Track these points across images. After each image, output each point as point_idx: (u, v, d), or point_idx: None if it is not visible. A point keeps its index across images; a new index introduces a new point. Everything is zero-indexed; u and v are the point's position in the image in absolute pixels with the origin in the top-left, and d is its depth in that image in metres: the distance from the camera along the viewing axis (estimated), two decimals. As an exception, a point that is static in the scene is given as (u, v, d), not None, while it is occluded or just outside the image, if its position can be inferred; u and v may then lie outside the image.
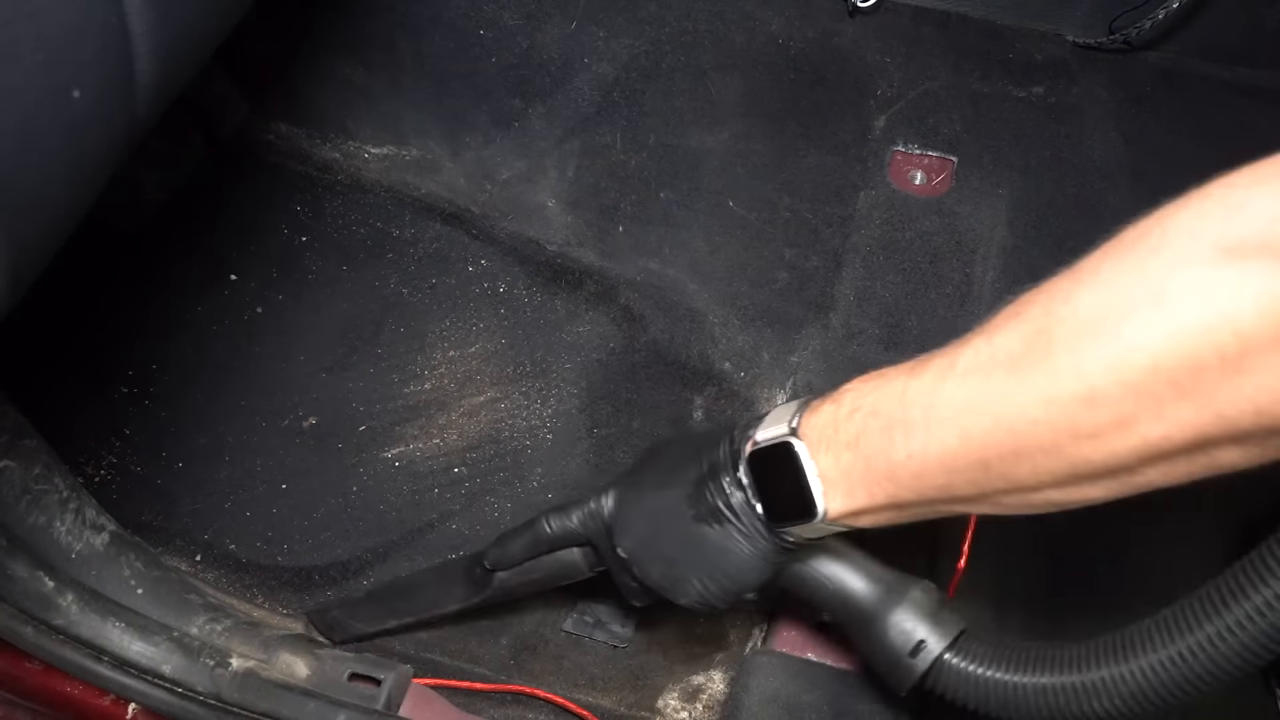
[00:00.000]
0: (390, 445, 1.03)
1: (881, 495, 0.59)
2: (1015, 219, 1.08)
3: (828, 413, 0.61)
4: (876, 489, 0.59)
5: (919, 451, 0.56)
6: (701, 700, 0.88)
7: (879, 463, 0.58)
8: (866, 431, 0.58)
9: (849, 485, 0.60)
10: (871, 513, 0.60)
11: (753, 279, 1.11)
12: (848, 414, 0.60)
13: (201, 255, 1.14)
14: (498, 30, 1.16)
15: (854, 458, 0.59)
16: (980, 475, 0.56)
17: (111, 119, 0.54)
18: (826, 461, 0.60)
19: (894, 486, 0.58)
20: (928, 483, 0.57)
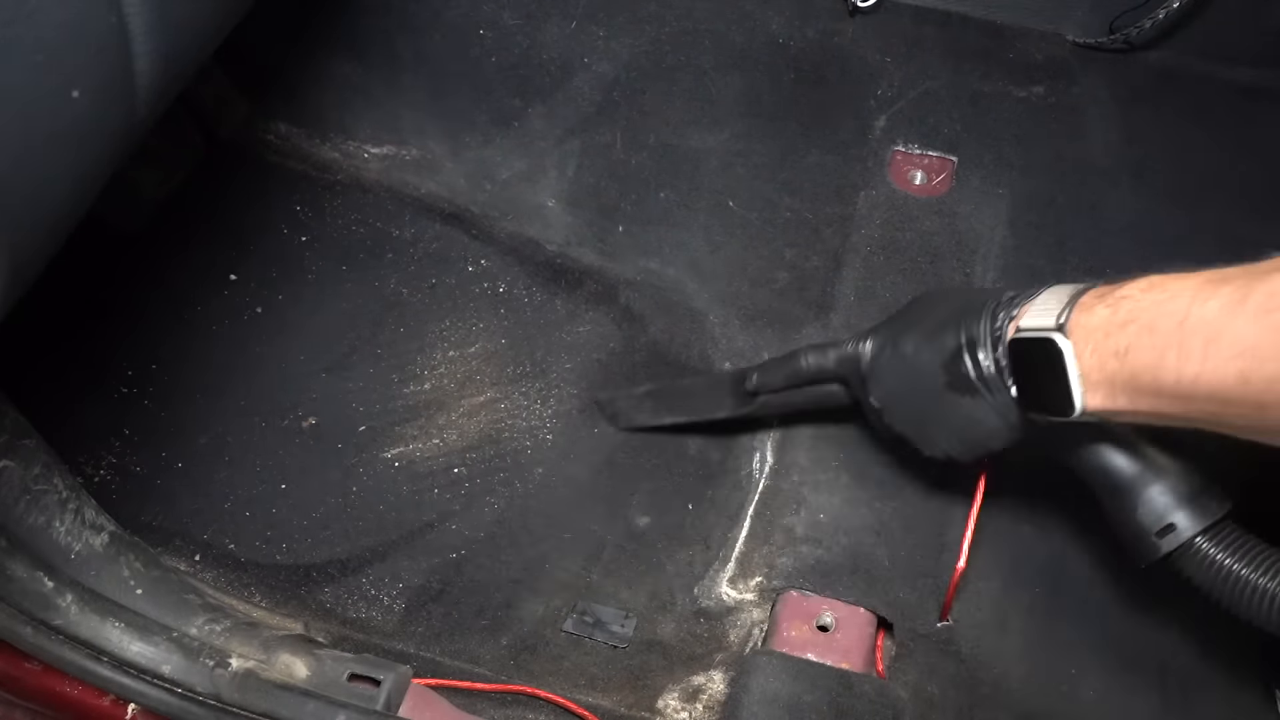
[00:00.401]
0: (390, 445, 1.03)
1: (1144, 405, 0.58)
2: (1015, 219, 1.08)
3: (1101, 316, 0.60)
4: (1140, 399, 0.58)
5: (1191, 380, 0.55)
6: (701, 700, 0.88)
7: (1146, 379, 0.57)
8: (1138, 347, 0.57)
9: (1110, 390, 0.59)
10: (1131, 415, 0.60)
11: (753, 279, 1.11)
12: (1121, 323, 0.59)
13: (201, 255, 1.14)
14: (498, 30, 1.16)
15: (1120, 367, 0.58)
16: (1254, 414, 0.54)
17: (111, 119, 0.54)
18: (1091, 363, 0.59)
19: (1158, 402, 0.57)
20: (1196, 408, 0.56)
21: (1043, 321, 0.62)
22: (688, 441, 1.04)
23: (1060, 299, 0.62)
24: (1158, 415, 0.59)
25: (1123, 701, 0.87)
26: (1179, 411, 0.57)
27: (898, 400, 0.73)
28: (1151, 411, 0.58)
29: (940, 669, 0.87)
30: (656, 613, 0.94)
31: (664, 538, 0.99)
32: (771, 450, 1.02)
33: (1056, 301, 0.62)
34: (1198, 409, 0.56)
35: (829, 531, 0.92)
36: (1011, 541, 0.93)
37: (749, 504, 1.00)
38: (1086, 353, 0.60)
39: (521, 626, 0.93)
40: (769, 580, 0.92)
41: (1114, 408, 0.60)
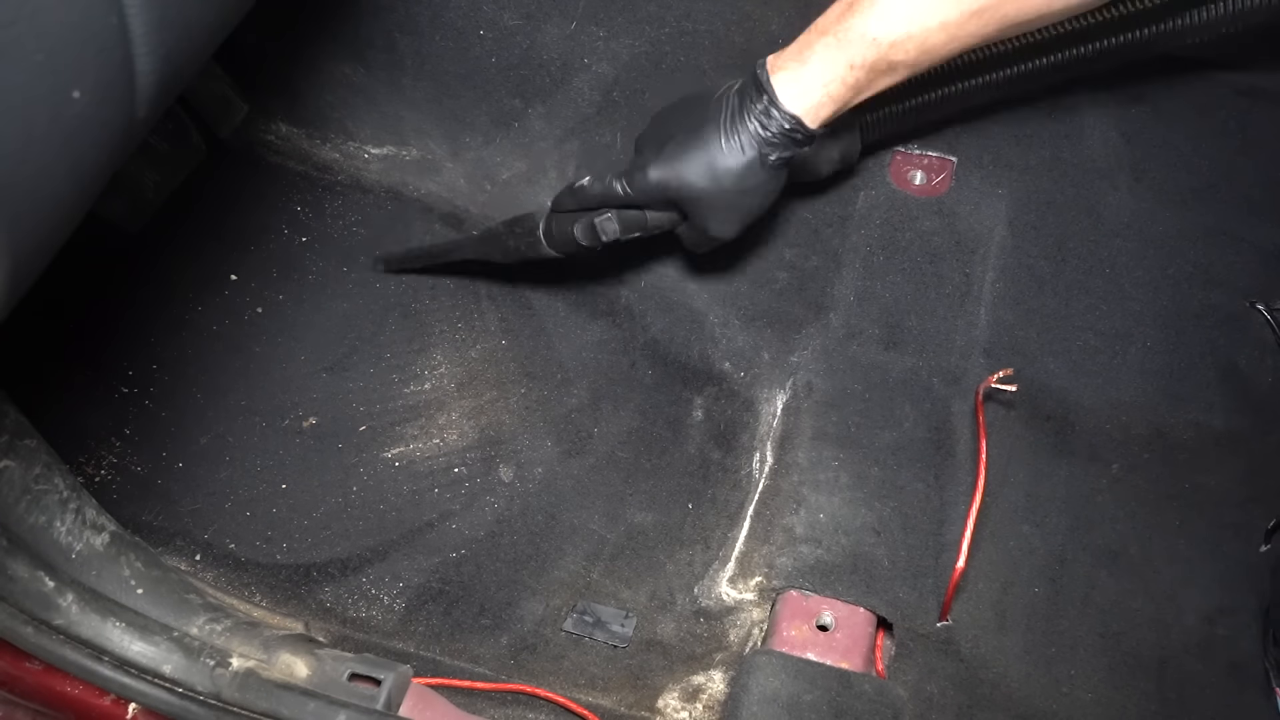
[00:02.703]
0: (390, 445, 1.04)
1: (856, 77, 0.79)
2: (1015, 219, 1.08)
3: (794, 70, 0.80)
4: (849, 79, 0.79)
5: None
6: (701, 700, 0.88)
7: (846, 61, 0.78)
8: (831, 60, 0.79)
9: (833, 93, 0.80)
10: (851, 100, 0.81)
11: (753, 279, 1.11)
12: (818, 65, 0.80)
13: (201, 255, 1.14)
14: (498, 30, 1.16)
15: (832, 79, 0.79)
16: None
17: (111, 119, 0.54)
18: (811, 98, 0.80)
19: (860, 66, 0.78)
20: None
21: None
22: (688, 441, 1.04)
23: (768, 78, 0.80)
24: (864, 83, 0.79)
25: (1123, 701, 0.87)
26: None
27: (699, 195, 0.84)
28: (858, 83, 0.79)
29: (940, 669, 0.87)
30: (656, 612, 0.94)
31: (664, 537, 0.99)
32: (771, 450, 1.02)
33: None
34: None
35: (829, 531, 0.92)
36: (1011, 541, 0.94)
37: (749, 504, 1.00)
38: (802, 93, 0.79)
39: (521, 626, 0.93)
40: (769, 580, 0.92)
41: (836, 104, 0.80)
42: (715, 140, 0.81)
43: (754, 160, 0.81)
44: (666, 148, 0.84)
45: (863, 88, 0.79)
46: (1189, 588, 0.92)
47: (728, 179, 0.82)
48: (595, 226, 0.90)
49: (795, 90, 0.79)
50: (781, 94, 0.79)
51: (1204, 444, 0.98)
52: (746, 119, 0.80)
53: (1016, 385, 0.94)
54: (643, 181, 0.85)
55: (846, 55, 0.77)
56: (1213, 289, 1.04)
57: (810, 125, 0.80)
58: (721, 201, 0.84)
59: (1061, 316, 1.04)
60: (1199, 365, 1.02)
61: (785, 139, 0.81)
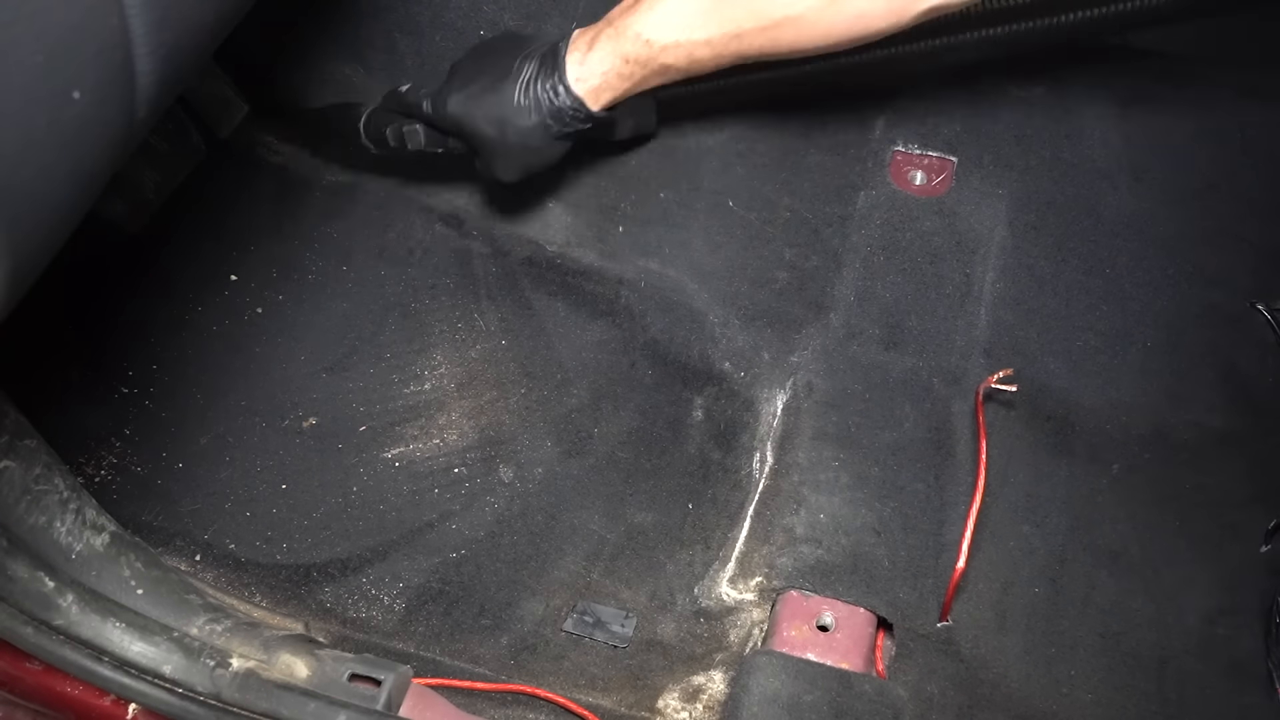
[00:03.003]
0: (390, 445, 1.04)
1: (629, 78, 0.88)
2: (1015, 219, 1.08)
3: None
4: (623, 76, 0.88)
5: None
6: (701, 700, 0.88)
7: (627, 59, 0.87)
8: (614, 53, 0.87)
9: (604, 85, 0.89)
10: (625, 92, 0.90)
11: (753, 279, 1.11)
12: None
13: (201, 255, 1.14)
14: (497, 30, 1.16)
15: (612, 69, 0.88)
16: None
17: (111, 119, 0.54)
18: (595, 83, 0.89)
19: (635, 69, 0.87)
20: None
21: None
22: (688, 441, 1.04)
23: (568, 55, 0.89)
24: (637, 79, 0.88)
25: (1123, 701, 0.87)
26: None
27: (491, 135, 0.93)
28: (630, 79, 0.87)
29: (940, 669, 0.87)
30: (656, 612, 0.94)
31: (664, 537, 0.99)
32: (771, 450, 1.02)
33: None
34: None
35: (829, 531, 0.92)
36: (1011, 541, 0.94)
37: (749, 504, 1.00)
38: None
39: (521, 626, 0.93)
40: (769, 580, 0.92)
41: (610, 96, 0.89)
42: (510, 97, 0.90)
43: (539, 124, 0.91)
44: (470, 87, 0.93)
45: (638, 81, 0.88)
46: (1189, 588, 0.92)
47: (513, 134, 0.91)
48: (404, 134, 1.00)
49: (581, 73, 0.88)
50: (570, 74, 0.88)
51: (1204, 444, 0.98)
52: (540, 86, 0.89)
53: (1016, 385, 0.94)
54: (442, 109, 0.95)
55: (622, 50, 0.86)
56: (1213, 289, 1.04)
57: (591, 107, 0.89)
58: (505, 151, 0.93)
59: (1061, 316, 1.04)
60: (1199, 365, 1.02)
61: (569, 115, 0.90)
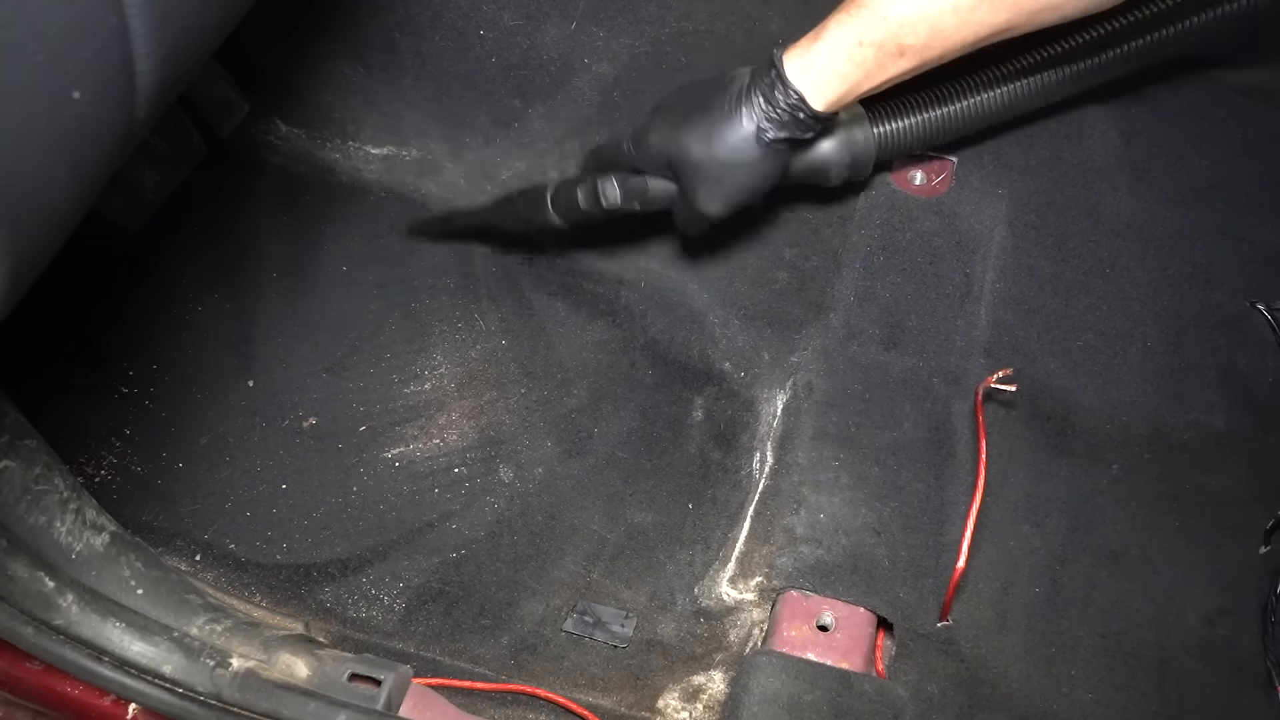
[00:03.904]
0: (390, 445, 1.04)
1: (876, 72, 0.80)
2: (1015, 219, 1.08)
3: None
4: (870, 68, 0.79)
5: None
6: (701, 700, 0.88)
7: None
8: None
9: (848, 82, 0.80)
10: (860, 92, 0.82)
11: (753, 279, 1.11)
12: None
13: (201, 255, 1.14)
14: (498, 30, 1.16)
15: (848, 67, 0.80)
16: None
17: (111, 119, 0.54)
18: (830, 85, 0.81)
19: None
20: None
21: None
22: (688, 441, 1.04)
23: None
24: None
25: (1123, 702, 0.87)
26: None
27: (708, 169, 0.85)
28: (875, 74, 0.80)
29: (940, 669, 0.87)
30: (656, 612, 0.94)
31: (664, 537, 0.99)
32: (771, 450, 1.02)
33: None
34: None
35: (829, 531, 0.92)
36: (1011, 541, 0.94)
37: (749, 504, 1.00)
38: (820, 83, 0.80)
39: (521, 626, 0.93)
40: (769, 580, 0.92)
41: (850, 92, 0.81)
42: (719, 109, 0.82)
43: (751, 134, 0.82)
44: (674, 113, 0.86)
45: (871, 70, 0.79)
46: (1189, 588, 0.92)
47: (722, 148, 0.83)
48: (597, 188, 0.92)
49: (802, 66, 0.80)
50: (789, 69, 0.80)
51: (1204, 444, 0.98)
52: (754, 94, 0.81)
53: (1016, 385, 0.94)
54: (644, 141, 0.87)
55: (856, 31, 0.78)
56: (1213, 289, 1.04)
57: (814, 105, 0.80)
58: (713, 171, 0.84)
59: (1061, 316, 1.04)
60: (1199, 365, 1.01)
61: (788, 116, 0.81)
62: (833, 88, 0.80)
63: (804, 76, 0.80)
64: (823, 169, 0.98)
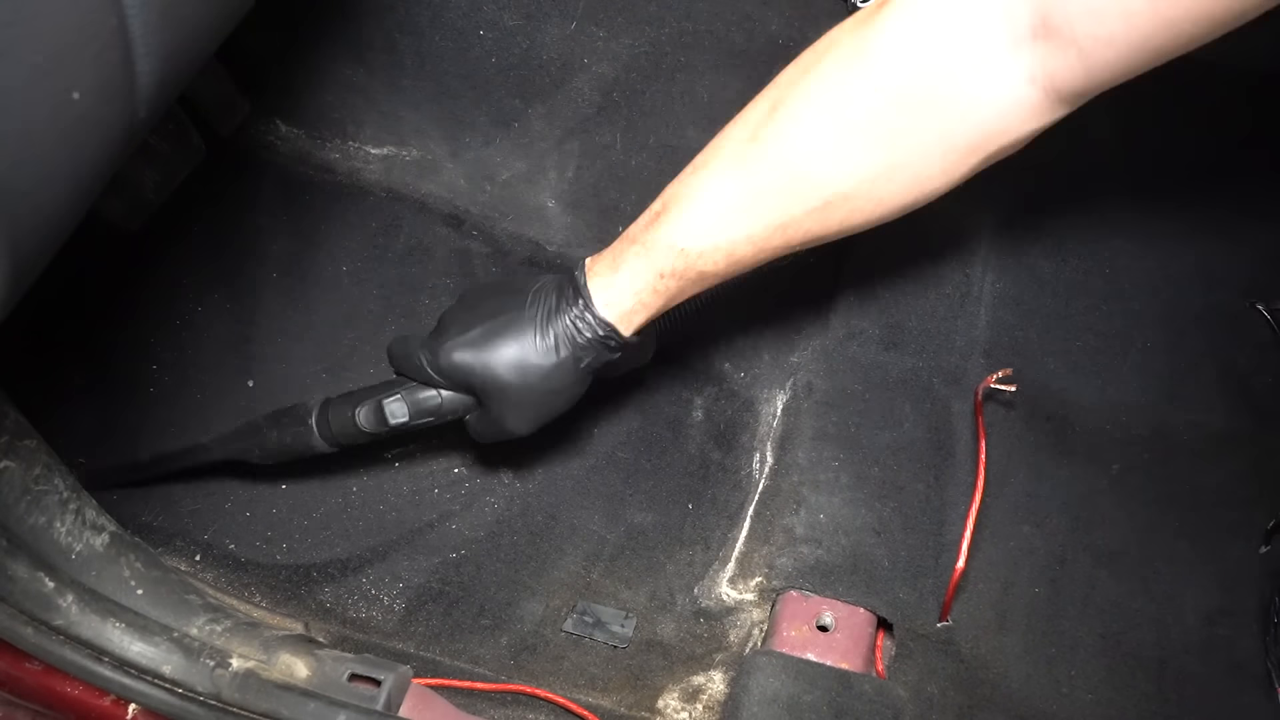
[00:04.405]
0: (390, 445, 1.04)
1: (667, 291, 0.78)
2: (1015, 219, 1.08)
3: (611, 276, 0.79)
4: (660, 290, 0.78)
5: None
6: (701, 700, 0.88)
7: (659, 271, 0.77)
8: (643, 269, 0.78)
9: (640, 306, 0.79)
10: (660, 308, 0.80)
11: (753, 279, 1.11)
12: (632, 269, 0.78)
13: (201, 255, 1.14)
14: (498, 30, 1.16)
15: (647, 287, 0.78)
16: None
17: (111, 119, 0.54)
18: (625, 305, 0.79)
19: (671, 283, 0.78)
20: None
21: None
22: (688, 441, 1.04)
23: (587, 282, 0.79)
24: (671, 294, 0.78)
25: (1123, 702, 0.87)
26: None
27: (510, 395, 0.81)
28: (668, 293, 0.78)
29: (940, 669, 0.87)
30: (656, 613, 0.94)
31: (664, 538, 0.99)
32: (771, 450, 1.02)
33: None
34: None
35: (829, 531, 0.92)
36: (1011, 541, 0.94)
37: (749, 504, 1.00)
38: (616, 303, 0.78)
39: (521, 626, 0.93)
40: (769, 580, 0.92)
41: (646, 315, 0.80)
42: (529, 335, 0.79)
43: (566, 361, 0.79)
44: (474, 330, 0.81)
45: (674, 295, 0.78)
46: (1189, 588, 0.92)
47: (535, 376, 0.79)
48: (382, 408, 0.84)
49: (609, 297, 0.78)
50: (597, 300, 0.78)
51: (1204, 444, 0.98)
52: (563, 319, 0.79)
53: (1016, 385, 0.94)
54: (446, 359, 0.81)
55: (656, 265, 0.76)
56: (1213, 289, 1.04)
57: (624, 333, 0.79)
58: (526, 398, 0.81)
59: (1061, 316, 1.04)
60: (1199, 365, 1.02)
61: (599, 345, 0.79)
62: (640, 316, 0.79)
63: (610, 309, 0.78)
64: (635, 353, 0.90)
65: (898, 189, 0.74)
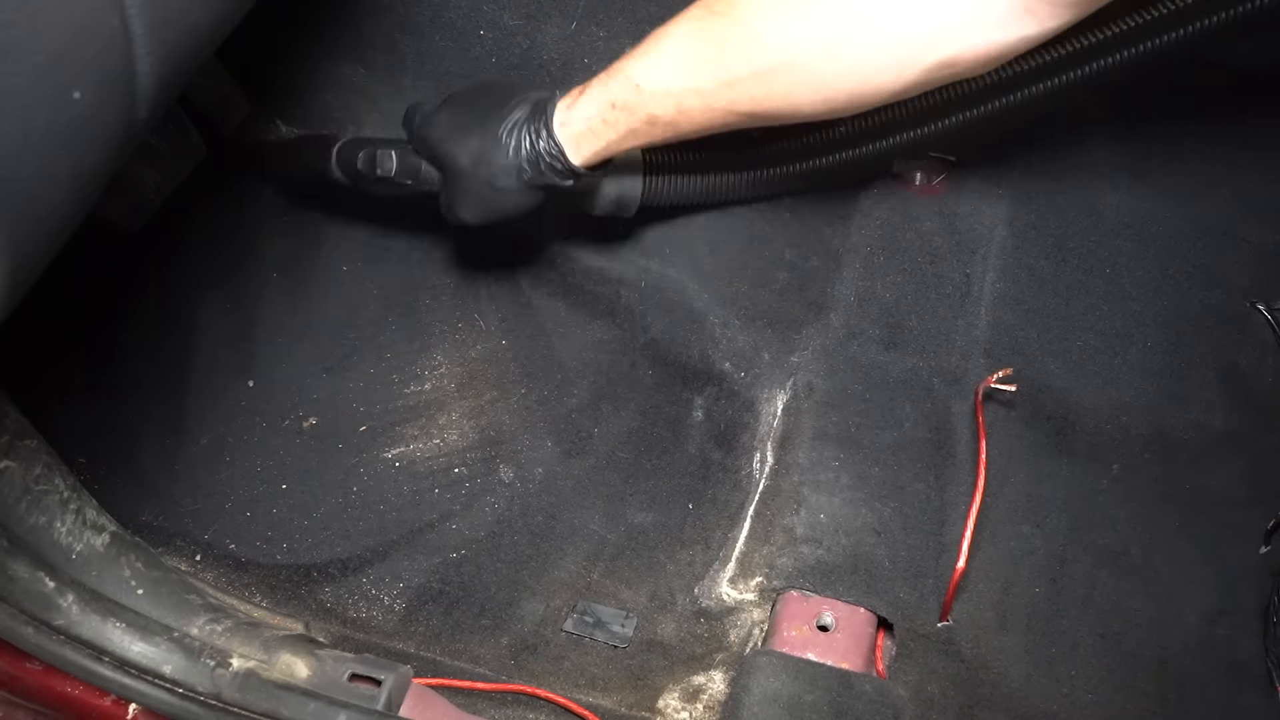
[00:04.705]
0: (390, 445, 1.04)
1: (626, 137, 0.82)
2: (1015, 219, 1.08)
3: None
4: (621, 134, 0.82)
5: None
6: (702, 700, 0.88)
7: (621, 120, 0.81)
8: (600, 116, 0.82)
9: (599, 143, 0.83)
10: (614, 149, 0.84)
11: (753, 279, 1.11)
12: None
13: (201, 255, 1.14)
14: (498, 30, 1.15)
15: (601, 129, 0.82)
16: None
17: (111, 119, 0.54)
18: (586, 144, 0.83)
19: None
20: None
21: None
22: (688, 441, 1.04)
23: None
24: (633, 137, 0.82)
25: (1123, 702, 0.87)
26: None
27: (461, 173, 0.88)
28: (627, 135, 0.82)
29: (940, 669, 0.87)
30: (656, 613, 0.94)
31: (664, 538, 0.99)
32: (771, 450, 1.02)
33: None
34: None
35: (829, 531, 0.92)
36: (1011, 541, 0.94)
37: (749, 504, 1.00)
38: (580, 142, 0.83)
39: (522, 626, 0.93)
40: (769, 580, 0.92)
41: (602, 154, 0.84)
42: (494, 132, 0.85)
43: (513, 166, 0.85)
44: (458, 116, 0.88)
45: (624, 135, 0.82)
46: (1189, 588, 0.92)
47: (484, 170, 0.86)
48: (375, 156, 0.94)
49: (565, 118, 0.83)
50: (557, 119, 0.83)
51: (1204, 444, 0.98)
52: (524, 130, 0.84)
53: (1016, 385, 0.94)
54: (424, 129, 0.90)
55: (610, 94, 0.81)
56: (1213, 289, 1.04)
57: (572, 159, 0.83)
58: (475, 189, 0.87)
59: (1061, 316, 1.04)
60: (1199, 365, 1.02)
61: (546, 165, 0.84)
62: (588, 145, 0.83)
63: (565, 130, 0.83)
64: (587, 200, 0.98)
65: (841, 69, 0.74)
